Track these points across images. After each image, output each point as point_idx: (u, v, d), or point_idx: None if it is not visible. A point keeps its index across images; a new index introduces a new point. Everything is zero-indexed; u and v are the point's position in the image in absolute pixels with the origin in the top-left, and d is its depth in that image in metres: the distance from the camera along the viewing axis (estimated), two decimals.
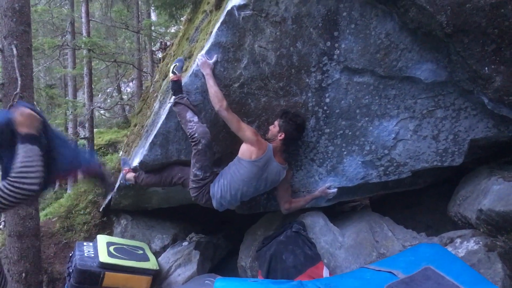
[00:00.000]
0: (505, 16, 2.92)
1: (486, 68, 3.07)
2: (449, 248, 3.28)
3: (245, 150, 3.47)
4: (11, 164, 1.96)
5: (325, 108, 3.65)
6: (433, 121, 3.62)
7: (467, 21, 2.94)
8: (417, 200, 4.60)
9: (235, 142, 3.73)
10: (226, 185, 3.50)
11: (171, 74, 3.65)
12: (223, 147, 3.78)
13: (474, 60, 3.06)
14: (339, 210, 4.97)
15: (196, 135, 3.44)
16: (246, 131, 3.45)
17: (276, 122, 3.57)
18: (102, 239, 4.70)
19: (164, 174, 3.86)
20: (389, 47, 3.35)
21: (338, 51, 3.43)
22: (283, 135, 3.50)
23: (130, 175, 4.13)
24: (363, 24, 3.32)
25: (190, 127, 3.47)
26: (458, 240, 3.36)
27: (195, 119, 3.50)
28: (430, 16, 2.96)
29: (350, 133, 3.74)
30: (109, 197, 5.39)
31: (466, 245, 3.24)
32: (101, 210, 5.58)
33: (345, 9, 3.29)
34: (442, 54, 3.25)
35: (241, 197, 3.59)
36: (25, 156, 1.95)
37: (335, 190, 3.93)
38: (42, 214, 6.56)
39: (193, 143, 3.48)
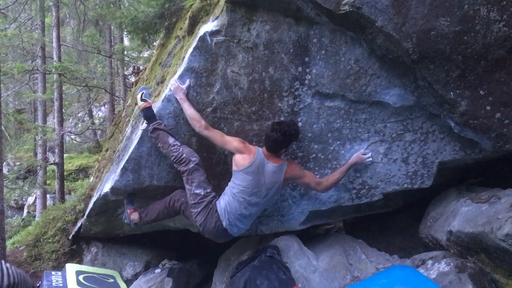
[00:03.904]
0: (468, 43, 3.04)
1: (452, 93, 3.17)
2: (421, 270, 3.32)
3: (237, 160, 3.44)
4: None
5: None
6: (402, 144, 3.70)
7: (432, 48, 3.05)
8: (390, 223, 4.66)
9: (211, 166, 3.72)
10: (231, 202, 3.41)
11: (140, 102, 3.64)
12: None
13: (440, 85, 3.16)
14: (313, 234, 4.98)
15: (184, 155, 3.43)
16: (233, 142, 3.46)
17: None
18: (71, 268, 4.55)
19: (167, 200, 3.71)
20: (358, 73, 3.43)
21: (310, 76, 3.49)
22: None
23: (135, 215, 3.89)
24: (333, 50, 3.40)
25: (175, 150, 3.45)
26: (430, 262, 3.40)
27: (178, 142, 3.50)
28: (396, 43, 3.06)
29: (322, 156, 3.78)
30: (79, 224, 5.26)
31: (437, 267, 3.28)
32: (70, 237, 5.42)
33: (315, 36, 3.37)
34: (409, 79, 3.35)
35: (248, 212, 3.45)
36: None
37: (370, 156, 3.73)
38: (9, 242, 6.35)
39: (182, 165, 3.44)
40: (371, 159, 3.72)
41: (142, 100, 3.64)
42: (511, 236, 2.82)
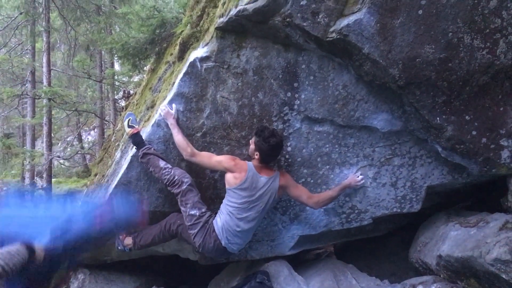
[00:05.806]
0: (453, 70, 3.11)
1: (438, 118, 3.23)
2: None
3: (229, 178, 3.43)
4: None
5: (287, 156, 3.70)
6: (391, 168, 3.73)
7: (418, 75, 3.11)
8: (380, 247, 4.65)
9: (201, 191, 3.70)
10: (228, 220, 3.40)
11: (128, 129, 3.64)
12: None
13: (426, 111, 3.21)
14: (303, 258, 4.94)
15: (176, 177, 3.43)
16: (222, 162, 3.45)
17: (252, 140, 3.46)
18: None
19: (163, 224, 3.67)
20: (346, 98, 3.48)
21: (299, 101, 3.53)
22: (258, 155, 3.42)
23: (129, 240, 3.83)
24: (321, 76, 3.45)
25: (166, 173, 3.45)
26: (420, 287, 3.39)
27: (169, 165, 3.50)
28: (383, 69, 3.12)
29: (312, 181, 3.79)
30: None
31: None
32: None
33: (304, 62, 3.42)
34: (396, 104, 3.40)
35: (247, 227, 3.43)
36: None
37: (363, 178, 3.73)
38: None
39: (175, 188, 3.44)
40: (364, 181, 3.73)
41: (129, 126, 3.65)
42: (499, 261, 2.83)
